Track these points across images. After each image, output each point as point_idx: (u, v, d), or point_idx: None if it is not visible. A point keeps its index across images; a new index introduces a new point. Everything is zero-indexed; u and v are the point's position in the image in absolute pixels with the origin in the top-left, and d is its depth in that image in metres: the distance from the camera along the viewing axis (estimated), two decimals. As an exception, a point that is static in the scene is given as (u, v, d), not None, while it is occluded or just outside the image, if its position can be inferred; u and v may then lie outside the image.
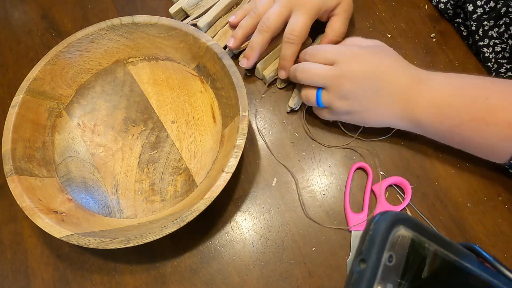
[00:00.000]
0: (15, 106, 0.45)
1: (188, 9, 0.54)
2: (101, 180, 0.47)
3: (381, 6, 0.57)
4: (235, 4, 0.55)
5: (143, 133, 0.49)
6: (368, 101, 0.43)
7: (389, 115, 0.43)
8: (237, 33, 0.50)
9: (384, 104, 0.43)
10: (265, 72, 0.51)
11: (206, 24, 0.53)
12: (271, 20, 0.47)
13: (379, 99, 0.42)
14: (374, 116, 0.44)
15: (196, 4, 0.54)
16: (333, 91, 0.43)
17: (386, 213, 0.29)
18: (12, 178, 0.42)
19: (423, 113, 0.41)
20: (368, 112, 0.44)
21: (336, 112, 0.45)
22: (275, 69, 0.51)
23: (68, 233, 0.39)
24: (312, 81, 0.44)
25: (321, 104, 0.45)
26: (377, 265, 0.27)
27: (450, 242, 0.30)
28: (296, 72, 0.46)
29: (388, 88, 0.42)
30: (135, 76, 0.52)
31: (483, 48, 0.50)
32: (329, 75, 0.43)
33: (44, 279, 0.44)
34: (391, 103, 0.42)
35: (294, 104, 0.49)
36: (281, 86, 0.52)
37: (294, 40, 0.47)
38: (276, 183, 0.47)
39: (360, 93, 0.42)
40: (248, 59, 0.50)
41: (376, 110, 0.43)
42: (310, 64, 0.45)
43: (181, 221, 0.38)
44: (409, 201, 0.45)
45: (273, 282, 0.43)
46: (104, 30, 0.49)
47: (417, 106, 0.41)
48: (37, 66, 0.47)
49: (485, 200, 0.45)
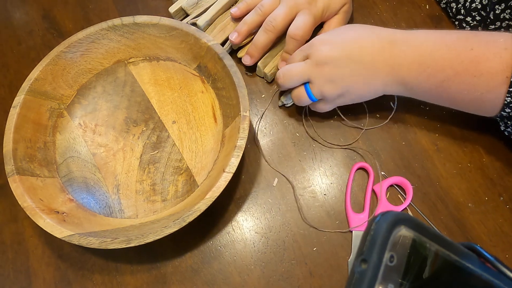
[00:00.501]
0: (17, 106, 0.45)
1: (188, 8, 0.54)
2: (102, 180, 0.47)
3: (382, 6, 0.57)
4: (234, 2, 0.55)
5: (144, 133, 0.49)
6: (352, 76, 0.43)
7: (378, 83, 0.43)
8: (242, 28, 0.50)
9: (368, 74, 0.42)
10: (266, 69, 0.51)
11: (205, 23, 0.53)
12: (278, 21, 0.48)
13: (361, 70, 0.42)
14: (365, 87, 0.44)
15: (195, 3, 0.54)
16: (318, 80, 0.43)
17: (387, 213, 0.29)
18: (13, 178, 0.42)
19: (407, 72, 0.41)
20: (357, 86, 0.43)
21: (330, 98, 0.45)
22: (276, 65, 0.51)
23: (70, 233, 0.39)
24: (295, 79, 0.45)
25: (313, 97, 0.45)
26: (378, 265, 0.27)
27: (451, 242, 0.30)
28: (278, 80, 0.46)
29: (365, 57, 0.42)
30: (136, 76, 0.52)
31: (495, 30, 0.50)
32: (307, 67, 0.44)
33: (45, 279, 0.45)
34: (374, 70, 0.42)
35: (286, 100, 0.50)
36: None
37: (298, 38, 0.47)
38: (277, 183, 0.47)
39: (342, 71, 0.42)
40: (252, 57, 0.51)
41: (364, 82, 0.43)
42: (287, 66, 0.46)
43: (182, 221, 0.38)
44: (410, 201, 0.45)
45: (274, 282, 0.43)
46: (105, 30, 0.49)
47: (400, 67, 0.41)
48: (38, 67, 0.47)
49: (486, 200, 0.45)
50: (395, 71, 0.42)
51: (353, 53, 0.42)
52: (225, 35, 0.52)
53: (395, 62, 0.41)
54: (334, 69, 0.42)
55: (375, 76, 0.42)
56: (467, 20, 0.52)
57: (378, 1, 0.57)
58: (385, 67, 0.42)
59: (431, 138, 0.48)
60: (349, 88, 0.43)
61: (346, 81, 0.43)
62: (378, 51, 0.42)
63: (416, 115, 0.49)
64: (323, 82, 0.43)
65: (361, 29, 0.44)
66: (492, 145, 0.47)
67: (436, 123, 0.49)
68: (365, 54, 0.42)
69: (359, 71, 0.42)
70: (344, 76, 0.43)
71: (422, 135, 0.48)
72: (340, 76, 0.43)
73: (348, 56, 0.42)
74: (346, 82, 0.43)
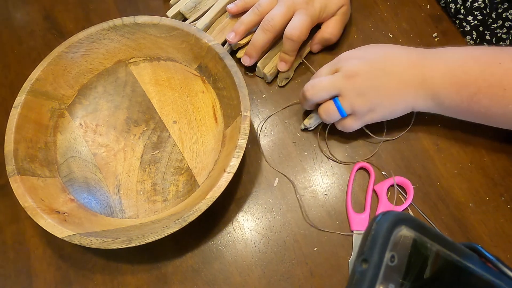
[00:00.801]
0: (18, 107, 0.45)
1: (186, 12, 0.54)
2: (103, 180, 0.47)
3: (383, 6, 0.57)
4: None
5: (145, 133, 0.49)
6: (384, 89, 0.42)
7: (409, 97, 0.42)
8: (239, 28, 0.50)
9: (399, 87, 0.42)
10: (265, 70, 0.51)
11: (204, 26, 0.53)
12: (276, 20, 0.47)
13: (392, 83, 0.42)
14: (395, 102, 0.43)
15: (193, 7, 0.55)
16: (348, 92, 0.42)
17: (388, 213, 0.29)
18: (14, 178, 0.42)
19: (439, 85, 0.41)
20: (388, 100, 0.43)
21: (360, 113, 0.43)
22: (275, 65, 0.51)
23: (70, 233, 0.39)
24: (324, 92, 0.43)
25: (343, 111, 0.43)
26: (379, 265, 0.27)
27: (452, 242, 0.30)
28: (305, 93, 0.45)
29: (397, 70, 0.42)
30: (137, 76, 0.52)
31: (497, 29, 0.50)
32: (338, 79, 0.43)
33: (46, 279, 0.45)
34: (406, 83, 0.42)
35: (310, 123, 0.48)
36: (282, 84, 0.52)
37: (295, 38, 0.47)
38: (278, 183, 0.47)
39: (373, 84, 0.42)
40: (250, 57, 0.50)
41: (395, 96, 0.43)
42: (315, 79, 0.45)
43: (183, 221, 0.38)
44: (411, 201, 0.45)
45: (274, 282, 0.43)
46: (106, 30, 0.49)
47: (432, 79, 0.41)
48: (39, 67, 0.47)
49: (487, 200, 0.45)
50: (427, 84, 0.41)
51: (385, 66, 0.42)
52: (223, 36, 0.52)
53: (427, 75, 0.41)
54: (365, 81, 0.42)
55: (407, 89, 0.42)
56: (468, 19, 0.52)
57: (378, 1, 0.57)
58: (417, 79, 0.41)
59: (432, 138, 0.48)
60: (380, 101, 0.43)
61: (377, 94, 0.42)
62: (410, 64, 0.42)
63: (417, 115, 0.49)
64: (354, 95, 0.42)
65: (388, 46, 0.44)
66: (493, 145, 0.47)
67: (437, 123, 0.49)
68: (396, 67, 0.42)
69: (391, 84, 0.42)
70: (376, 89, 0.42)
71: (423, 135, 0.48)
72: (372, 88, 0.42)
73: (380, 69, 0.42)
74: (377, 95, 0.42)
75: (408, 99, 0.43)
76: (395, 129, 0.48)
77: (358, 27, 0.55)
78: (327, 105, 0.44)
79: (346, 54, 0.45)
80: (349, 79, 0.42)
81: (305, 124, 0.48)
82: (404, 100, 0.43)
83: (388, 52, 0.43)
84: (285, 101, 0.51)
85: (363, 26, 0.56)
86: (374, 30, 0.55)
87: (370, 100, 0.42)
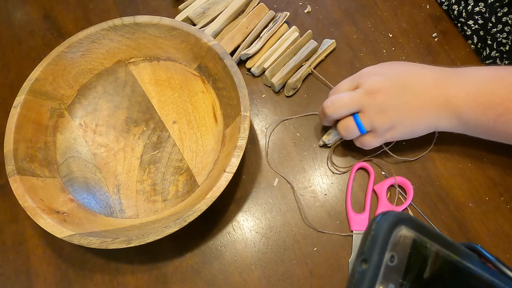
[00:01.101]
0: (17, 107, 0.45)
1: (195, 18, 0.54)
2: (103, 180, 0.47)
3: (383, 6, 0.57)
4: (240, 12, 0.55)
5: (144, 133, 0.49)
6: (405, 107, 0.41)
7: (431, 116, 0.41)
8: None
9: (421, 105, 0.41)
10: (274, 79, 0.50)
11: (213, 33, 0.53)
12: None
13: (414, 101, 0.41)
14: (417, 120, 0.42)
15: (202, 13, 0.54)
16: (369, 109, 0.41)
17: (387, 213, 0.29)
18: (14, 178, 0.42)
19: (464, 104, 0.39)
20: (410, 118, 0.41)
21: (379, 131, 0.42)
22: (283, 76, 0.50)
23: (70, 233, 0.39)
24: (343, 109, 0.42)
25: (363, 127, 0.42)
26: (379, 265, 0.27)
27: (452, 242, 0.30)
28: (325, 109, 0.43)
29: (419, 88, 0.41)
30: (136, 76, 0.52)
31: (497, 34, 0.50)
32: (359, 96, 0.41)
33: (46, 279, 0.45)
34: (428, 101, 0.41)
35: (329, 140, 0.47)
36: (289, 94, 0.51)
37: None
38: (277, 183, 0.47)
39: (395, 101, 0.40)
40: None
41: (417, 114, 0.41)
42: (335, 95, 0.43)
43: (183, 221, 0.38)
44: (411, 201, 0.45)
45: (274, 282, 0.43)
46: (106, 30, 0.49)
47: (456, 99, 0.40)
48: (39, 67, 0.47)
49: (487, 200, 0.45)
50: (450, 103, 0.40)
51: (407, 84, 0.41)
52: (233, 44, 0.52)
53: (451, 94, 0.40)
54: (387, 98, 0.40)
55: (429, 108, 0.41)
56: (469, 23, 0.52)
57: (378, 1, 0.57)
58: (440, 98, 0.40)
59: (432, 138, 0.48)
60: (401, 119, 0.41)
61: (399, 112, 0.41)
62: (433, 83, 0.41)
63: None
64: (374, 112, 0.41)
65: (410, 64, 0.43)
66: (493, 145, 0.47)
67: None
68: (419, 85, 0.41)
69: (413, 102, 0.41)
70: (397, 106, 0.41)
71: (423, 135, 0.48)
72: (393, 105, 0.41)
73: (402, 86, 0.41)
74: (398, 112, 0.41)
75: (430, 118, 0.41)
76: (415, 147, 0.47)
77: (358, 27, 0.55)
78: (346, 121, 0.43)
79: (367, 70, 0.43)
80: (370, 96, 0.41)
81: (324, 140, 0.48)
82: (426, 119, 0.42)
83: (411, 70, 0.42)
84: (286, 102, 0.51)
85: (363, 26, 0.56)
86: (374, 30, 0.55)
87: (390, 118, 0.41)
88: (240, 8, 0.55)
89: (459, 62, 0.52)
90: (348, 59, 0.53)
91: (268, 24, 0.54)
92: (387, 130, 0.42)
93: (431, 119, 0.41)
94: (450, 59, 0.53)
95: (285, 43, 0.52)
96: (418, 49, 0.53)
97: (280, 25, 0.54)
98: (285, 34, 0.53)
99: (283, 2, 0.57)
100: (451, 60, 0.52)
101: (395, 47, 0.54)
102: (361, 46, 0.54)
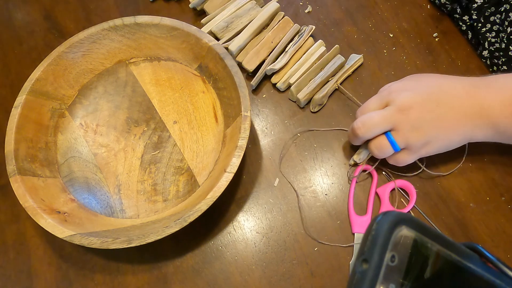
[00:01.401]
0: (18, 107, 0.45)
1: (218, 32, 0.53)
2: (103, 180, 0.47)
3: (383, 6, 0.57)
4: (265, 25, 0.54)
5: (145, 133, 0.49)
6: (439, 121, 0.40)
7: (466, 128, 0.40)
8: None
9: (456, 118, 0.40)
10: (300, 95, 0.49)
11: (238, 48, 0.52)
12: None
13: (448, 114, 0.40)
14: (452, 134, 0.41)
15: (225, 27, 0.53)
16: (402, 126, 0.40)
17: (388, 213, 0.29)
18: (15, 178, 0.42)
19: (499, 114, 0.39)
20: (445, 132, 0.40)
21: (414, 147, 0.41)
22: (310, 92, 0.49)
23: (71, 233, 0.39)
24: (376, 129, 0.41)
25: (397, 145, 0.41)
26: (379, 265, 0.27)
27: (452, 242, 0.30)
28: (356, 131, 0.42)
29: (452, 100, 0.40)
30: (137, 76, 0.52)
31: (486, 33, 0.50)
32: (391, 114, 0.40)
33: (47, 279, 0.45)
34: (463, 114, 0.40)
35: (360, 159, 0.46)
36: (315, 110, 0.50)
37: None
38: (278, 183, 0.47)
39: (429, 116, 0.40)
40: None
41: (452, 127, 0.40)
42: (365, 116, 0.42)
43: (183, 221, 0.38)
44: (414, 205, 0.44)
45: (275, 282, 0.43)
46: (107, 30, 0.49)
47: (491, 108, 0.39)
48: (40, 67, 0.47)
49: (488, 201, 0.45)
50: (486, 113, 0.39)
51: (439, 97, 0.40)
52: (259, 59, 0.51)
53: (485, 103, 0.39)
54: (420, 114, 0.39)
55: (464, 120, 0.40)
56: (464, 19, 0.52)
57: (379, 1, 0.57)
58: (474, 109, 0.39)
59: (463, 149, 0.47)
60: (436, 134, 0.40)
61: (433, 127, 0.40)
62: (465, 94, 0.40)
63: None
64: (409, 129, 0.40)
65: (439, 76, 0.42)
66: (494, 145, 0.47)
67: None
68: (452, 98, 0.40)
69: (447, 116, 0.40)
70: (431, 121, 0.40)
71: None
72: (427, 120, 0.40)
73: (434, 100, 0.40)
74: (433, 128, 0.40)
75: (466, 130, 0.40)
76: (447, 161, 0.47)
77: (358, 27, 0.55)
78: (379, 140, 0.42)
79: (395, 86, 0.42)
80: (403, 113, 0.39)
81: (354, 159, 0.46)
82: (462, 131, 0.41)
83: (441, 82, 0.41)
84: (286, 102, 0.51)
85: (364, 26, 0.55)
86: (374, 30, 0.55)
87: (425, 134, 0.40)
88: (265, 22, 0.53)
89: (459, 62, 0.52)
90: (349, 59, 0.53)
91: (294, 38, 0.53)
92: (423, 146, 0.41)
93: (467, 131, 0.40)
94: (450, 59, 0.52)
95: (311, 57, 0.51)
96: (419, 49, 0.53)
97: (306, 39, 0.52)
98: (311, 48, 0.52)
99: (283, 2, 0.57)
100: (452, 60, 0.52)
101: (396, 47, 0.54)
102: (362, 46, 0.54)
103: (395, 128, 0.40)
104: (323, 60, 0.51)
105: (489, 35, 0.50)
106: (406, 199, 0.46)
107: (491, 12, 0.49)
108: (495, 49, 0.49)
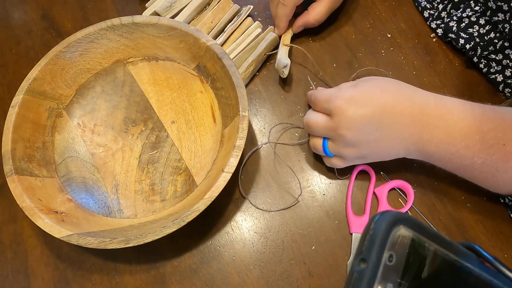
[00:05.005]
0: (15, 106, 0.45)
1: (162, 12, 0.55)
2: (101, 180, 0.47)
3: (381, 6, 0.57)
4: (206, 4, 0.56)
5: (143, 133, 0.49)
6: (376, 143, 0.41)
7: (400, 151, 0.42)
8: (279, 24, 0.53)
9: (393, 142, 0.41)
10: None
11: None
12: None
13: (387, 138, 0.40)
14: (387, 153, 0.42)
15: (169, 6, 0.55)
16: (337, 142, 0.41)
17: (386, 212, 0.29)
18: (12, 178, 0.42)
19: (435, 149, 0.39)
20: (380, 151, 0.42)
21: (347, 158, 0.43)
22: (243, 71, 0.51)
23: (68, 233, 0.39)
24: (316, 133, 0.43)
25: (329, 153, 0.43)
26: (377, 264, 0.27)
27: (450, 242, 0.30)
28: (305, 124, 0.45)
29: (392, 126, 0.39)
30: (135, 76, 0.52)
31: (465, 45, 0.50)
32: (328, 128, 0.41)
33: (44, 279, 0.44)
34: (401, 139, 0.40)
35: None
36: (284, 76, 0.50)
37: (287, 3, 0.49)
38: (276, 183, 0.47)
39: (365, 138, 0.40)
40: (278, 28, 0.53)
41: (387, 148, 0.41)
42: (310, 114, 0.44)
43: (181, 221, 0.38)
44: (411, 205, 0.45)
45: (273, 282, 0.43)
46: (104, 30, 0.49)
47: (429, 143, 0.39)
48: (37, 66, 0.47)
49: (485, 200, 0.45)
50: (422, 144, 0.40)
51: (381, 120, 0.39)
52: None
53: (425, 137, 0.39)
54: (358, 135, 0.40)
55: (400, 144, 0.41)
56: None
57: (377, 1, 0.57)
58: (413, 138, 0.40)
59: None
60: (370, 152, 0.42)
61: (368, 147, 0.41)
62: (410, 122, 0.39)
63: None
64: (343, 146, 0.41)
65: (395, 90, 0.40)
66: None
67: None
68: (392, 124, 0.39)
69: (385, 139, 0.40)
70: (368, 142, 0.40)
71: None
72: (363, 142, 0.40)
73: (374, 123, 0.39)
74: (367, 148, 0.41)
75: (399, 152, 0.42)
76: None
77: (356, 27, 0.56)
78: (317, 141, 0.44)
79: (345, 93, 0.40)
80: (339, 131, 0.40)
81: None
82: (395, 152, 0.42)
83: (392, 103, 0.39)
84: (285, 103, 0.51)
85: (361, 26, 0.56)
86: (372, 30, 0.55)
87: (360, 151, 0.41)
88: (205, 1, 0.55)
89: (457, 63, 0.52)
90: (347, 59, 0.53)
91: (233, 19, 0.55)
92: (357, 158, 0.43)
93: (400, 152, 0.42)
94: (448, 59, 0.53)
95: (247, 38, 0.53)
96: (416, 50, 0.54)
97: (243, 18, 0.54)
98: (248, 29, 0.54)
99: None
100: (449, 60, 0.53)
101: (393, 48, 0.54)
102: (360, 47, 0.54)
103: (332, 140, 0.42)
104: (258, 40, 0.52)
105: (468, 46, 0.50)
106: (404, 199, 0.46)
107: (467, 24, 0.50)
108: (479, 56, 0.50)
